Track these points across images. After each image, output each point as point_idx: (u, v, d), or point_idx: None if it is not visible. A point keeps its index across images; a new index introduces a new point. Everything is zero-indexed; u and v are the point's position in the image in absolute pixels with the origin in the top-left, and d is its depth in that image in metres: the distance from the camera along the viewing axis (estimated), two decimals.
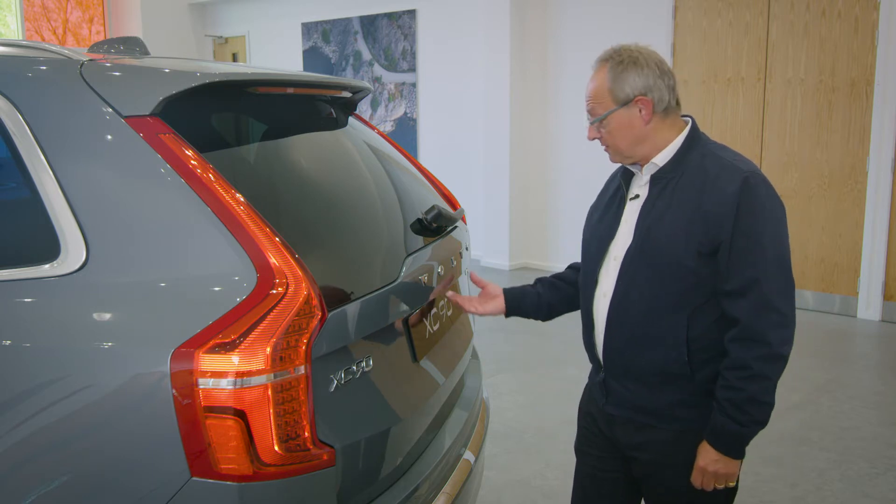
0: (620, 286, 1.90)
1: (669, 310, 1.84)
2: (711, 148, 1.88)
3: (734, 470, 1.85)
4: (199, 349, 1.44)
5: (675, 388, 1.88)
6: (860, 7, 5.87)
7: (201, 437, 1.45)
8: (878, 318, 5.98)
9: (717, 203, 1.77)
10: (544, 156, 7.83)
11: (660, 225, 1.84)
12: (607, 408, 2.00)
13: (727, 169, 1.81)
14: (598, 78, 1.88)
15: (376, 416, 1.78)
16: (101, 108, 1.66)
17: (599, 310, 1.97)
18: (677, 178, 1.86)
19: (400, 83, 8.92)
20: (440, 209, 2.22)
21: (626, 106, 1.85)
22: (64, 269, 1.57)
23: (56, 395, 1.52)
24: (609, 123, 1.88)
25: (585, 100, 1.92)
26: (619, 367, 1.95)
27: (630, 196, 1.95)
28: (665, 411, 1.90)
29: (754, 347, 1.76)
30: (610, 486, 2.09)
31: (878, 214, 5.93)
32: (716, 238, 1.77)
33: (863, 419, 4.17)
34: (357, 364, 1.70)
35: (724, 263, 1.78)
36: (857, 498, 3.33)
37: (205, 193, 1.55)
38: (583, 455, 2.17)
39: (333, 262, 1.81)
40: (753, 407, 1.78)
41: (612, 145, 1.92)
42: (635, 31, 6.83)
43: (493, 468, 3.58)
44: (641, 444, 1.95)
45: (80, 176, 1.63)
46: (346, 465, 1.63)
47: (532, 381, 4.73)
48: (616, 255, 1.93)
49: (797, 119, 6.25)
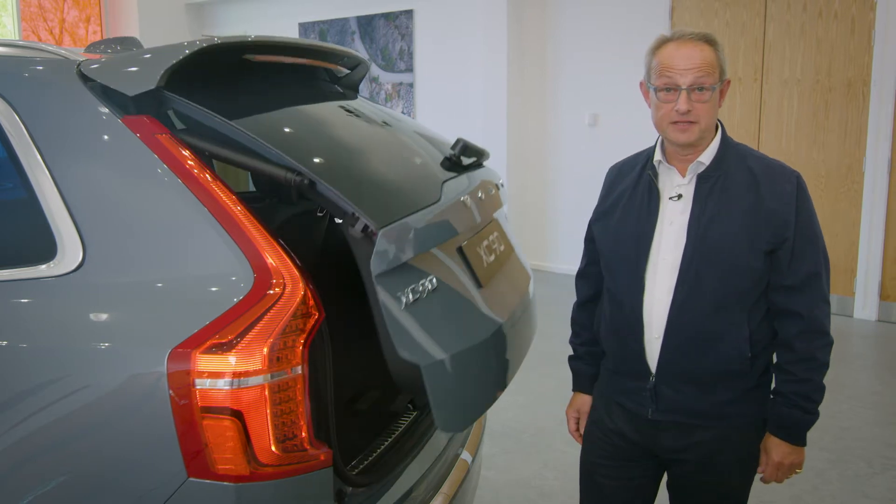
0: (682, 288, 1.87)
1: (732, 308, 1.87)
2: (742, 148, 1.94)
3: (803, 457, 1.94)
4: (196, 349, 1.44)
5: (729, 386, 1.90)
6: (857, 7, 5.88)
7: (198, 437, 1.45)
8: (875, 318, 5.99)
9: (780, 202, 1.84)
10: (542, 156, 7.83)
11: (717, 226, 1.85)
12: (655, 415, 1.95)
13: (776, 169, 1.89)
14: (707, 50, 1.85)
15: (452, 337, 1.77)
16: (97, 108, 1.66)
17: (655, 314, 1.91)
18: (723, 178, 1.88)
19: (397, 83, 8.91)
20: (465, 142, 2.23)
21: (721, 84, 1.87)
22: (61, 269, 1.57)
23: (53, 395, 1.52)
24: (713, 98, 1.85)
25: (691, 68, 1.82)
26: (676, 371, 1.91)
27: (671, 196, 1.92)
28: (715, 410, 1.91)
29: (817, 338, 1.87)
30: (635, 495, 2.07)
31: (875, 214, 5.93)
32: (781, 236, 1.83)
33: (860, 419, 4.18)
34: (421, 283, 1.72)
35: (786, 260, 1.85)
36: (854, 498, 3.33)
37: (202, 193, 1.55)
38: (600, 468, 2.10)
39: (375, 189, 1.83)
40: (818, 393, 1.89)
41: (704, 120, 1.85)
42: (633, 31, 6.84)
43: (491, 468, 3.58)
44: (688, 446, 1.94)
45: (76, 176, 1.62)
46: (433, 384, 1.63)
47: (531, 380, 4.73)
48: (665, 257, 1.90)
49: (794, 119, 6.26)
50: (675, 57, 1.84)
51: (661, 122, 1.88)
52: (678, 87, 1.83)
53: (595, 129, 7.31)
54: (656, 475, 2.08)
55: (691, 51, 1.83)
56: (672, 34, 1.88)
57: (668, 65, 1.84)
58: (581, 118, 7.37)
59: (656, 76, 1.86)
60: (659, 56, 1.87)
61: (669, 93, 1.84)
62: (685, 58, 1.83)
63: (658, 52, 1.88)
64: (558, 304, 6.74)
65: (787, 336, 1.88)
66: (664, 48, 1.87)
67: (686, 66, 1.82)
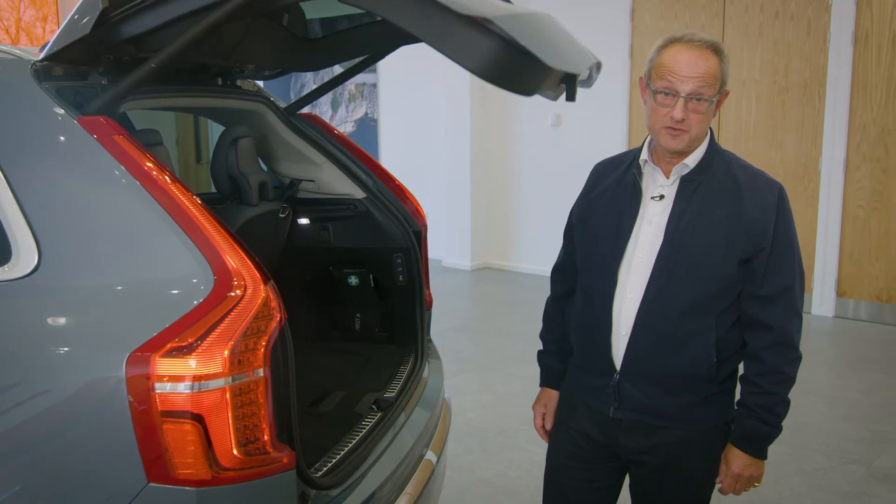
0: (653, 287, 1.87)
1: (702, 312, 1.86)
2: (729, 156, 1.93)
3: (762, 470, 1.93)
4: (155, 353, 1.42)
5: (693, 389, 1.89)
6: (812, 9, 5.98)
7: (158, 442, 1.43)
8: (832, 315, 6.10)
9: (761, 212, 1.83)
10: (505, 157, 7.86)
11: (694, 229, 1.84)
12: (617, 413, 1.95)
13: (760, 179, 1.89)
14: (712, 60, 1.79)
15: None
16: (52, 108, 1.63)
17: (624, 310, 1.91)
18: (706, 183, 1.87)
19: (360, 84, 8.88)
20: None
21: (720, 95, 1.83)
22: (15, 272, 1.54)
23: (9, 401, 1.49)
24: (710, 108, 1.82)
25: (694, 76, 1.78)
26: (640, 370, 1.91)
27: (653, 195, 1.91)
28: (679, 413, 1.91)
29: (787, 352, 1.87)
30: (598, 496, 2.07)
31: (831, 213, 6.05)
32: (758, 245, 1.83)
33: (818, 414, 4.26)
34: None
35: (761, 270, 1.84)
36: (813, 491, 3.39)
37: (160, 195, 1.53)
38: (565, 469, 2.09)
39: None
40: (783, 408, 1.89)
41: (695, 130, 1.82)
42: (594, 32, 6.89)
43: (455, 468, 3.58)
44: (651, 447, 1.94)
45: (31, 178, 1.60)
46: None
47: (494, 380, 4.75)
48: (640, 256, 1.89)
49: (752, 119, 6.36)
50: (679, 62, 1.79)
51: (654, 125, 1.85)
52: (677, 94, 1.79)
53: (558, 130, 7.35)
54: (619, 478, 2.08)
55: (696, 58, 1.78)
56: (681, 35, 1.83)
57: (670, 68, 1.80)
58: (544, 119, 7.41)
59: (657, 77, 1.82)
60: (663, 56, 1.82)
61: (668, 97, 1.80)
62: (688, 64, 1.78)
63: (663, 51, 1.83)
64: (522, 304, 6.78)
65: (756, 347, 1.88)
66: (670, 48, 1.82)
67: (688, 74, 1.78)
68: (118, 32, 1.69)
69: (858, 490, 3.40)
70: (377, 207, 2.76)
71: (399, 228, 2.73)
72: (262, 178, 2.74)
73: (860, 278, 6.02)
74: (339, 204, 2.83)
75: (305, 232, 2.93)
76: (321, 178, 2.83)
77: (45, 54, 1.68)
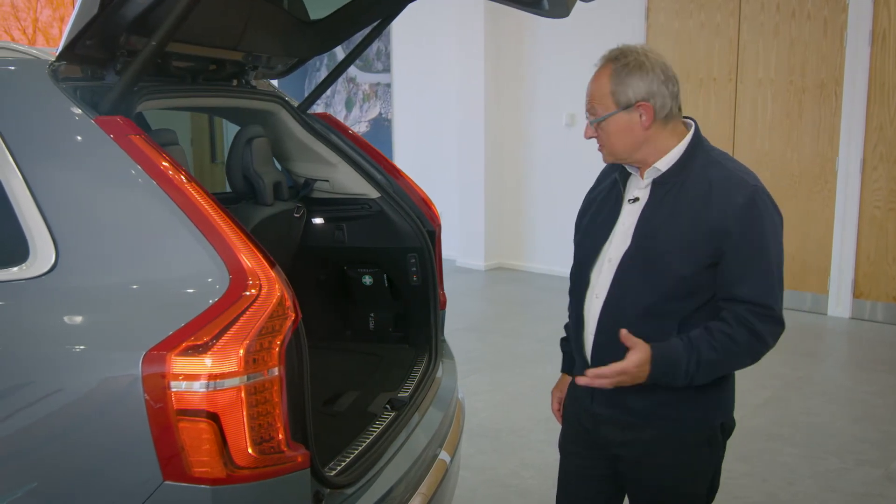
0: (615, 289, 1.88)
1: (663, 316, 1.84)
2: (715, 156, 1.88)
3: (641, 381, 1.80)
4: (171, 352, 1.43)
5: (661, 389, 1.87)
6: (829, 9, 5.94)
7: (174, 440, 1.44)
8: (848, 316, 6.06)
9: (726, 216, 1.77)
10: (519, 157, 7.85)
11: (661, 232, 1.83)
12: (593, 407, 1.98)
13: (734, 181, 1.81)
14: (602, 78, 1.83)
15: None
16: (70, 108, 1.64)
17: (591, 310, 1.94)
18: (679, 185, 1.84)
19: (375, 84, 8.90)
20: None
21: (627, 110, 1.81)
22: (33, 271, 1.55)
23: (26, 399, 1.51)
24: (608, 126, 1.84)
25: (586, 97, 1.88)
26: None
27: (629, 198, 1.92)
28: (649, 411, 1.91)
29: (756, 345, 1.81)
30: (595, 484, 2.09)
31: (848, 213, 6.00)
32: (719, 249, 1.78)
33: (832, 415, 4.23)
34: None
35: (728, 272, 1.80)
36: (826, 493, 3.37)
37: (176, 194, 1.54)
38: (567, 454, 2.16)
39: None
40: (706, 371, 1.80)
41: (608, 147, 1.88)
42: (609, 33, 6.86)
43: (468, 468, 3.58)
44: (626, 442, 1.95)
45: (49, 178, 1.61)
46: None
47: (506, 380, 4.74)
48: (611, 258, 1.91)
49: (768, 119, 6.32)
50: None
51: None
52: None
53: (572, 130, 7.33)
54: (615, 470, 2.07)
55: (592, 78, 1.86)
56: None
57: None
58: (558, 119, 7.40)
59: None
60: None
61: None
62: (588, 84, 1.88)
63: None
64: (535, 304, 6.77)
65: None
66: None
67: (587, 94, 1.87)
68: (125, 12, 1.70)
69: (874, 492, 3.37)
70: (391, 207, 2.77)
71: (413, 228, 2.73)
72: (276, 177, 2.75)
73: (877, 279, 5.97)
74: (354, 204, 2.83)
75: (320, 231, 2.94)
76: (336, 177, 2.84)
77: (62, 47, 1.68)
